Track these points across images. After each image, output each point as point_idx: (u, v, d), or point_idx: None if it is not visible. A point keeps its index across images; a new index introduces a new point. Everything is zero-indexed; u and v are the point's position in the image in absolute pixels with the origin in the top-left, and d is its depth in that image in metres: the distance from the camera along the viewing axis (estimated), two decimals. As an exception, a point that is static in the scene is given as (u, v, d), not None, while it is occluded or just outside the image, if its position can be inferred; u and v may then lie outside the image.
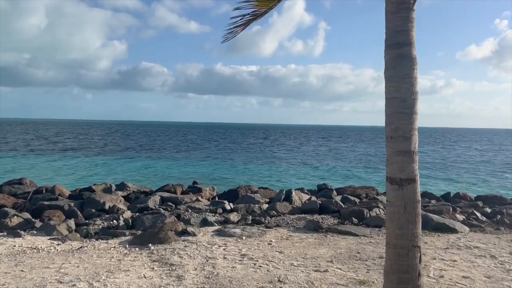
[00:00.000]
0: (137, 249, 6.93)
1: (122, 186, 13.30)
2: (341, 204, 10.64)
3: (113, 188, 13.13)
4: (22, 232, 7.97)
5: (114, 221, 9.11)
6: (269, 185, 17.85)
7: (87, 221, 9.16)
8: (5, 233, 7.98)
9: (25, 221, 8.98)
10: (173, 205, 10.78)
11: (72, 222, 8.67)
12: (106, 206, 10.40)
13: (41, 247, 6.98)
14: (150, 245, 7.09)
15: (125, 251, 6.82)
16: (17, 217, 9.04)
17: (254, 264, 6.17)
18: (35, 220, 9.06)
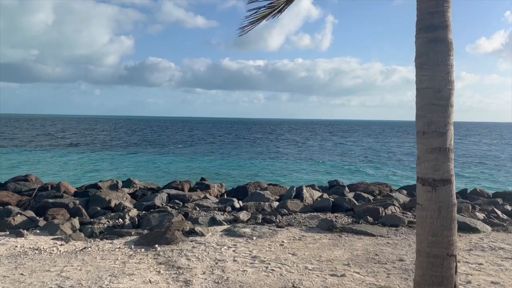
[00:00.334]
0: (143, 250, 6.61)
1: (129, 183, 12.99)
2: (355, 202, 10.22)
3: (120, 185, 12.83)
4: (25, 232, 7.69)
5: (120, 220, 8.80)
6: (274, 181, 17.49)
7: (92, 220, 8.87)
8: (8, 233, 7.70)
9: (29, 220, 8.72)
10: (181, 203, 10.44)
11: (77, 221, 8.39)
12: (112, 204, 10.10)
13: (44, 248, 6.68)
14: (157, 246, 6.77)
15: (130, 252, 6.51)
16: (21, 216, 8.78)
17: (266, 268, 5.81)
18: (39, 219, 8.79)
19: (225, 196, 11.89)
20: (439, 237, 3.30)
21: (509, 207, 10.19)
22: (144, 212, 9.57)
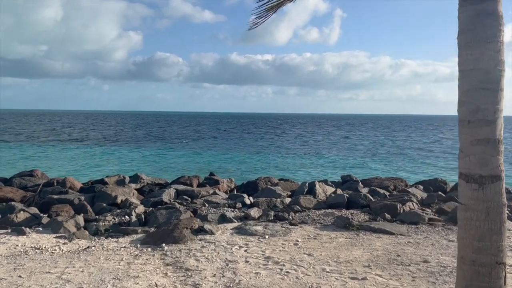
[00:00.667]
0: (149, 250, 6.24)
1: (136, 178, 12.66)
2: (370, 198, 9.76)
3: (127, 180, 12.51)
4: (27, 229, 7.36)
5: (126, 217, 8.47)
6: (281, 176, 17.02)
7: (97, 217, 8.54)
8: (9, 230, 7.39)
9: (32, 217, 8.42)
10: (189, 199, 10.08)
11: (81, 218, 8.06)
12: (118, 200, 9.77)
13: (45, 247, 6.35)
14: (164, 245, 6.39)
15: (136, 252, 6.15)
16: (24, 212, 8.48)
17: (281, 270, 5.40)
18: (43, 216, 8.49)
19: (235, 192, 11.50)
20: (487, 242, 2.85)
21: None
22: (151, 209, 9.22)
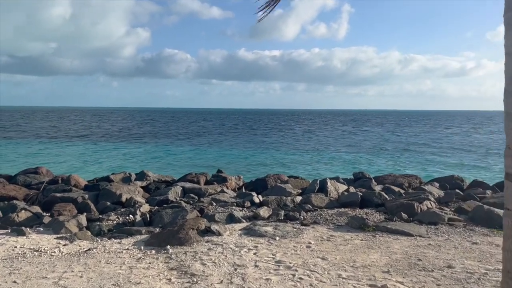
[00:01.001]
0: (153, 252, 5.90)
1: (142, 175, 12.34)
2: (385, 196, 9.32)
3: (133, 178, 12.20)
4: (27, 230, 7.07)
5: (130, 216, 8.16)
6: (286, 173, 16.59)
7: (101, 216, 8.24)
8: (9, 230, 7.12)
9: (34, 216, 8.15)
10: (196, 198, 9.72)
11: (83, 218, 7.75)
12: (123, 198, 9.46)
13: (44, 249, 6.04)
14: (168, 247, 6.05)
15: (139, 255, 5.81)
16: (26, 211, 8.21)
17: (293, 276, 5.01)
18: (45, 215, 8.21)
19: (243, 190, 11.13)
20: (540, 255, 2.43)
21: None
22: (157, 208, 8.90)
